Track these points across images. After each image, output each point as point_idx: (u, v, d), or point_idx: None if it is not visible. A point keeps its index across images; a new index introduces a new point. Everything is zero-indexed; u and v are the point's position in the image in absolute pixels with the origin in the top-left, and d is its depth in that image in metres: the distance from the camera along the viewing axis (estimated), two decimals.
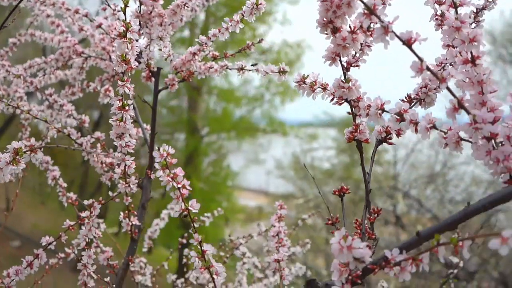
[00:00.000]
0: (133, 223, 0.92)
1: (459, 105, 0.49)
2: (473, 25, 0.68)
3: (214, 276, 0.61)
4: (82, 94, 1.15)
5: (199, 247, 0.61)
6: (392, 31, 0.47)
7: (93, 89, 1.11)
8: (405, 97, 0.65)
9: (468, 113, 0.48)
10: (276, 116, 11.21)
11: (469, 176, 7.49)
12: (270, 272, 1.27)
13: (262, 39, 0.97)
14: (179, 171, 0.59)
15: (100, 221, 0.98)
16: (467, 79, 0.52)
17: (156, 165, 0.58)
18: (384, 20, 0.47)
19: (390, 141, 0.64)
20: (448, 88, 0.49)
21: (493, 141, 0.50)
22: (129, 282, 1.31)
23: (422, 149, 7.66)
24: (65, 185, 1.05)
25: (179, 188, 0.58)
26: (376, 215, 0.60)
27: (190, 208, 0.59)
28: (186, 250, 1.18)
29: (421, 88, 0.64)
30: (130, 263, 0.94)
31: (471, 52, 0.51)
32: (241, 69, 0.91)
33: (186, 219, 0.62)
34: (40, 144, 0.66)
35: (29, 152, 0.63)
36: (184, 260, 1.34)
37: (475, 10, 0.67)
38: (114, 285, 0.90)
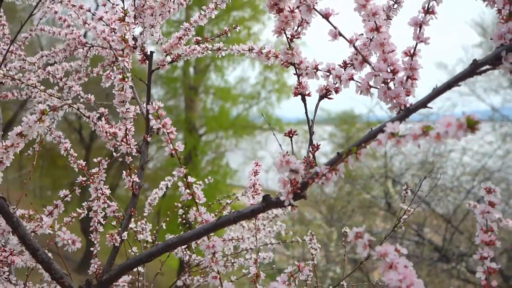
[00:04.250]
0: (134, 180, 1.11)
1: (364, 60, 0.68)
2: (395, 5, 0.87)
3: (197, 201, 0.80)
4: (87, 79, 1.34)
5: (185, 180, 0.81)
6: (314, 8, 0.67)
7: (96, 73, 1.31)
8: (342, 62, 0.84)
9: (370, 65, 0.68)
10: (273, 114, 11.40)
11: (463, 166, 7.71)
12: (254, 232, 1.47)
13: (237, 25, 1.16)
14: (168, 120, 0.78)
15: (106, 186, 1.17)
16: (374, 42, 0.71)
17: (150, 116, 0.77)
18: (308, 1, 0.67)
19: (330, 97, 0.83)
20: (355, 47, 0.68)
21: (392, 84, 0.69)
22: None
23: None
24: (75, 154, 1.24)
25: (168, 133, 0.78)
26: (316, 149, 0.80)
27: (176, 147, 0.79)
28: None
29: (353, 55, 0.83)
30: (132, 214, 1.13)
31: (375, 22, 0.70)
32: (218, 49, 1.11)
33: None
34: (62, 104, 0.85)
35: (52, 111, 0.83)
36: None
37: None
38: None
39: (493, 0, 0.63)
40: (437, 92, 0.63)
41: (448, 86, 0.62)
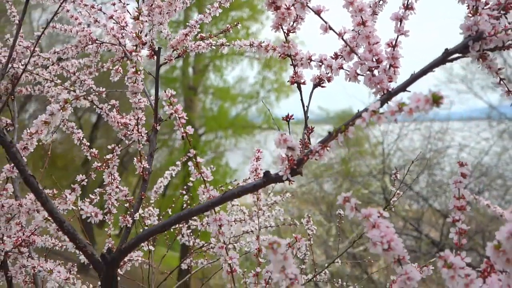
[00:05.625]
0: (144, 166, 1.21)
1: (351, 51, 0.78)
2: (381, 2, 0.97)
3: (205, 178, 0.90)
4: (97, 73, 1.43)
5: (194, 159, 0.90)
6: (307, 5, 0.76)
7: (107, 68, 1.40)
8: (333, 54, 0.93)
9: (357, 55, 0.77)
10: (272, 113, 11.48)
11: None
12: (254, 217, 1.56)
13: (238, 23, 1.26)
14: (179, 107, 0.88)
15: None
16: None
17: (163, 103, 0.87)
18: None
19: (323, 85, 0.92)
20: (343, 40, 0.78)
21: (376, 72, 0.79)
22: None
23: (412, 136, 8.02)
24: (88, 143, 1.33)
25: (179, 118, 0.87)
26: (311, 131, 0.89)
27: (187, 130, 0.88)
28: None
29: (343, 47, 0.92)
30: (142, 197, 1.23)
31: (361, 17, 0.79)
32: (222, 45, 1.20)
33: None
34: (80, 95, 0.94)
35: (75, 100, 0.92)
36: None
37: None
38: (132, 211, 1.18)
39: None
40: (414, 78, 0.72)
41: (423, 72, 0.72)
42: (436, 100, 0.55)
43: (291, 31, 0.86)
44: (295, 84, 0.93)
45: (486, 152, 7.42)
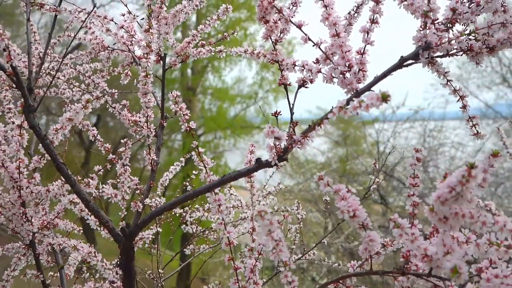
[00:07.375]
0: (153, 158, 1.37)
1: (327, 57, 0.94)
2: (355, 14, 1.13)
3: (206, 165, 1.06)
4: (109, 77, 1.60)
5: (197, 150, 1.06)
6: (290, 21, 0.93)
7: (118, 72, 1.56)
8: (315, 59, 1.10)
9: (331, 61, 0.94)
10: (270, 113, 11.63)
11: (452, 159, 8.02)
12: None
13: (234, 31, 1.43)
14: (183, 105, 1.04)
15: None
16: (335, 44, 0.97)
17: (170, 102, 1.03)
18: (285, 14, 0.92)
19: (306, 86, 1.09)
20: (320, 48, 0.94)
21: (348, 75, 0.95)
22: None
23: (408, 135, 8.20)
24: (102, 139, 1.50)
25: (184, 115, 1.04)
26: (295, 125, 1.06)
27: (190, 125, 1.04)
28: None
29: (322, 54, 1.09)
30: (151, 186, 1.39)
31: (335, 30, 0.96)
32: (220, 51, 1.37)
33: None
34: (97, 96, 1.10)
35: (96, 100, 1.08)
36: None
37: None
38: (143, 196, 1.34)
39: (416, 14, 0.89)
40: (377, 80, 0.89)
41: (384, 75, 0.88)
42: (384, 98, 0.71)
43: (278, 41, 1.03)
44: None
45: (479, 150, 7.60)
